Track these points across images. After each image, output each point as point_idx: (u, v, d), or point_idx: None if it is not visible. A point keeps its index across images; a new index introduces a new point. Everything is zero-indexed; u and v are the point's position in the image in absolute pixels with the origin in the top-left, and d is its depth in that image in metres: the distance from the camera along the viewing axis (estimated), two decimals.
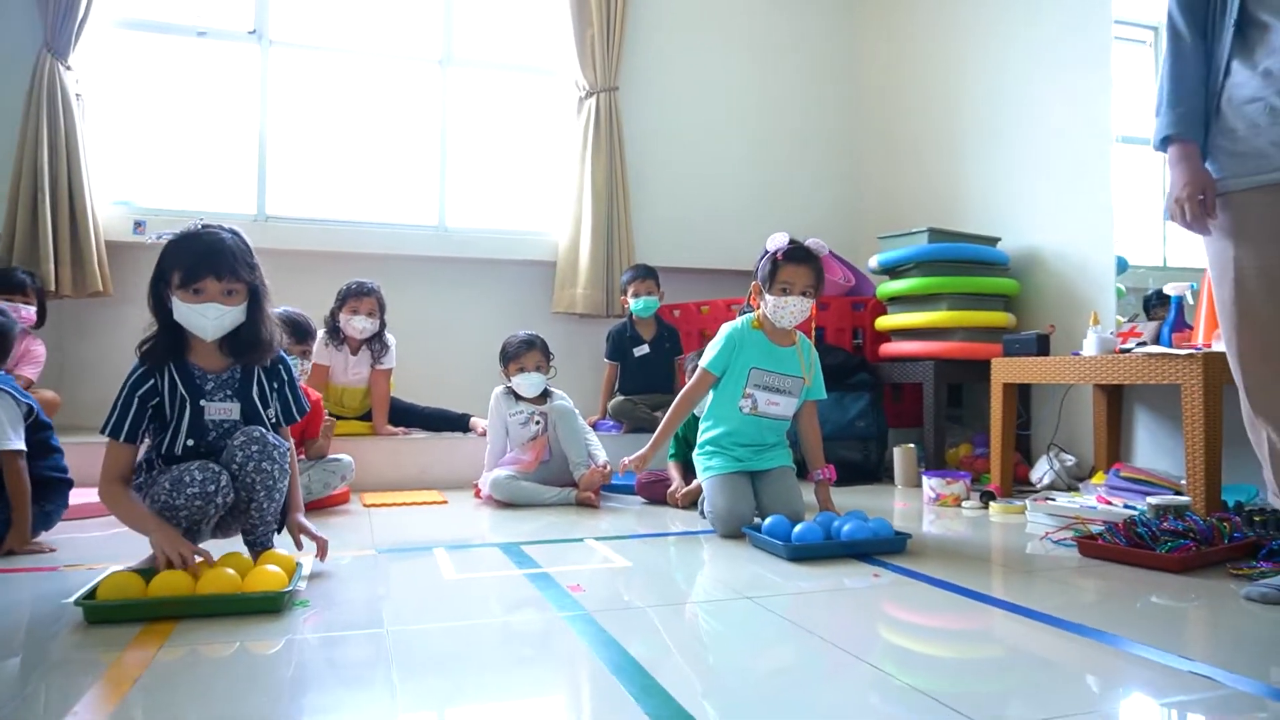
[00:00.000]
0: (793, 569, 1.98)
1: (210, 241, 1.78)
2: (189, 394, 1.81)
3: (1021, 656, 1.41)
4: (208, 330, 1.78)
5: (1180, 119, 1.73)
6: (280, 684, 1.28)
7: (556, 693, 1.28)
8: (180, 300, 1.76)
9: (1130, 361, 2.60)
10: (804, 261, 2.40)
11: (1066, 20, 3.46)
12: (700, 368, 2.51)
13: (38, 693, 1.24)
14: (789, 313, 2.41)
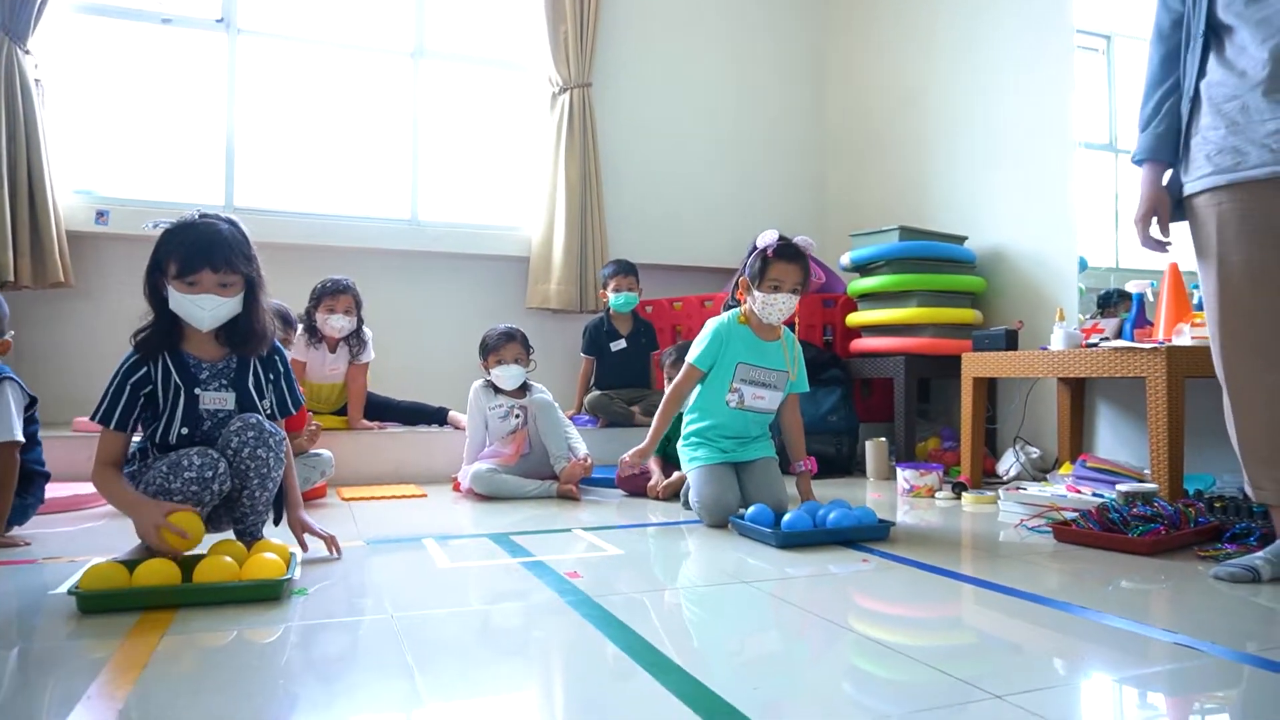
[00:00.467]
0: (782, 555, 2.01)
1: (207, 232, 1.76)
2: (184, 383, 1.79)
3: (1012, 630, 1.46)
4: (204, 321, 1.77)
5: (1154, 140, 1.85)
6: (297, 668, 1.27)
7: (572, 670, 1.30)
8: (176, 291, 1.75)
9: (1097, 356, 2.69)
10: (794, 259, 2.43)
11: (1029, 29, 3.57)
12: (688, 363, 2.54)
13: (44, 683, 1.22)
14: (777, 309, 2.45)
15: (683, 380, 2.55)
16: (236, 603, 1.55)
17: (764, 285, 2.43)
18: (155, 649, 1.32)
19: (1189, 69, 1.82)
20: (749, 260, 2.49)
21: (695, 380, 2.54)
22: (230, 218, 1.84)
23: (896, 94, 4.33)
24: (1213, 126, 1.78)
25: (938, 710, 1.09)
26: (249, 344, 1.84)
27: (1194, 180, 1.83)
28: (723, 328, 2.52)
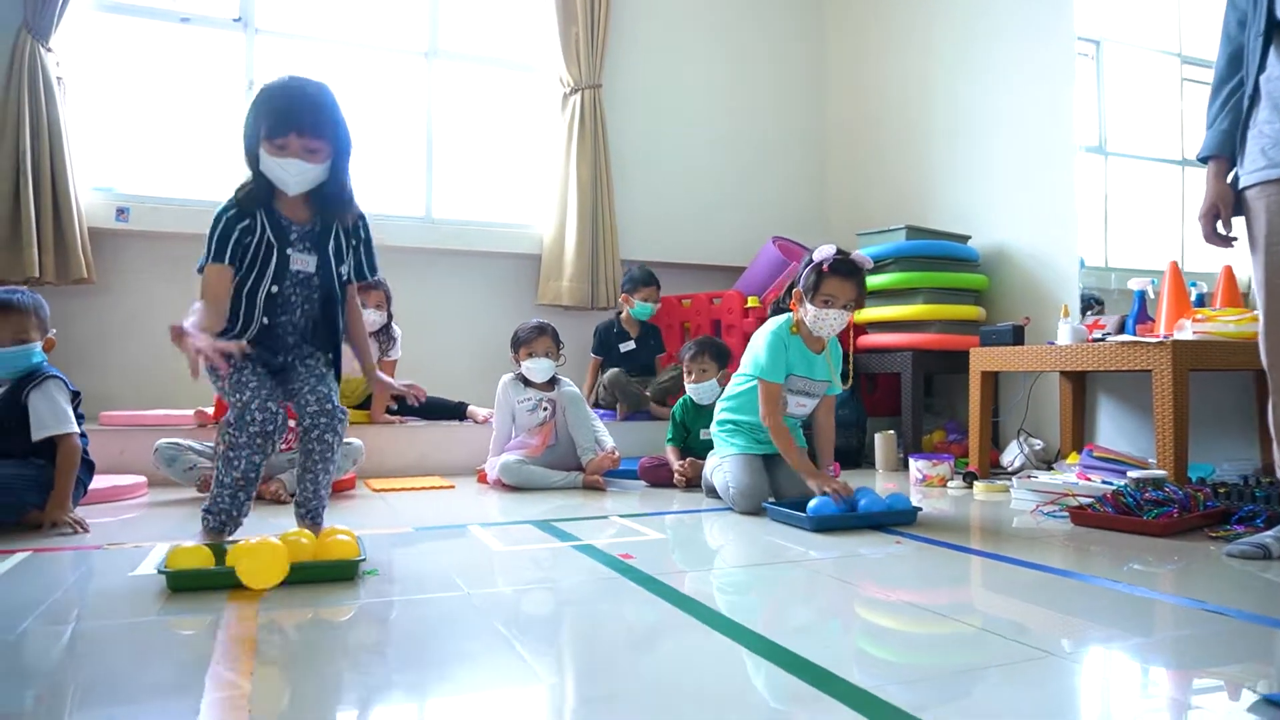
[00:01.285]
0: (818, 539, 2.11)
1: (296, 97, 1.81)
2: (276, 241, 1.86)
3: (1052, 599, 1.57)
4: (289, 185, 1.83)
5: (1218, 136, 1.95)
6: (407, 639, 1.35)
7: (662, 642, 1.38)
8: (265, 153, 1.80)
9: (1104, 349, 2.82)
10: (850, 276, 2.44)
11: (1030, 35, 3.70)
12: (763, 380, 2.49)
13: (162, 655, 1.29)
14: (829, 325, 2.47)
15: (769, 400, 2.49)
16: (313, 582, 1.62)
17: (817, 300, 2.45)
18: (259, 623, 1.39)
19: (1250, 65, 1.90)
20: (804, 272, 2.50)
21: (779, 392, 2.50)
22: (321, 81, 1.87)
23: (898, 95, 4.45)
24: (1269, 120, 1.86)
25: (1003, 666, 1.19)
26: (334, 209, 1.90)
27: (1248, 173, 1.92)
28: (780, 338, 2.52)
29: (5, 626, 1.36)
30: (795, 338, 2.54)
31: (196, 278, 3.71)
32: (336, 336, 2.03)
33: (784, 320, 2.57)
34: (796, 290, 2.54)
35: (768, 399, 2.50)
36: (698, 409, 3.15)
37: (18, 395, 2.15)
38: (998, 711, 1.07)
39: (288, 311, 1.93)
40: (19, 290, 2.21)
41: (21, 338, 2.15)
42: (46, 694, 1.11)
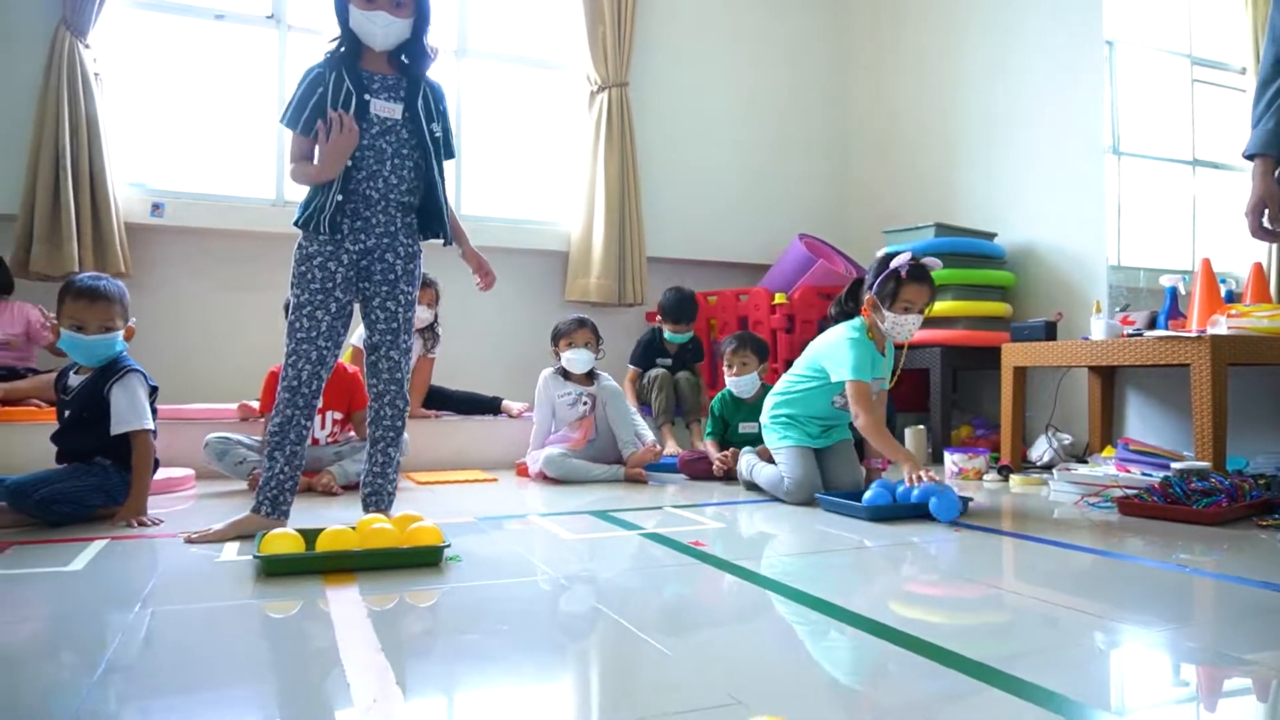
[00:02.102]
0: (874, 527, 2.15)
1: None
2: (355, 89, 1.93)
3: (1122, 581, 1.61)
4: (376, 38, 1.92)
5: (1264, 135, 2.00)
6: (523, 617, 1.38)
7: (759, 620, 1.42)
8: (355, 7, 1.89)
9: (1141, 345, 2.87)
10: (925, 281, 2.48)
11: (1060, 37, 3.75)
12: (854, 381, 2.47)
13: (276, 635, 1.32)
14: (906, 329, 2.49)
15: (863, 398, 2.47)
16: (400, 568, 1.66)
17: (896, 306, 2.45)
18: (367, 605, 1.42)
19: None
20: (879, 279, 2.50)
21: (869, 392, 2.50)
22: None
23: (921, 94, 4.50)
24: None
25: (1092, 634, 1.24)
26: (418, 65, 1.99)
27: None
28: (862, 345, 2.51)
29: (121, 608, 1.39)
30: (870, 342, 2.54)
31: (230, 272, 3.75)
32: (442, 214, 2.06)
33: (859, 324, 2.57)
34: (869, 296, 2.53)
35: (860, 399, 2.48)
36: (736, 403, 3.19)
37: (99, 388, 2.17)
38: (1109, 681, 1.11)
39: (381, 164, 1.95)
40: (104, 277, 2.23)
41: (108, 325, 2.17)
42: (191, 669, 1.14)
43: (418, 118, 1.99)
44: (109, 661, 1.13)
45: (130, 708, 1.01)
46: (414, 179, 2.00)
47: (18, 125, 3.46)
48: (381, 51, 1.96)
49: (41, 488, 2.03)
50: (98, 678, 1.07)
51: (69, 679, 1.08)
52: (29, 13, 3.49)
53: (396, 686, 1.06)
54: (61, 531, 2.03)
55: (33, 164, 3.41)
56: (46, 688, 1.07)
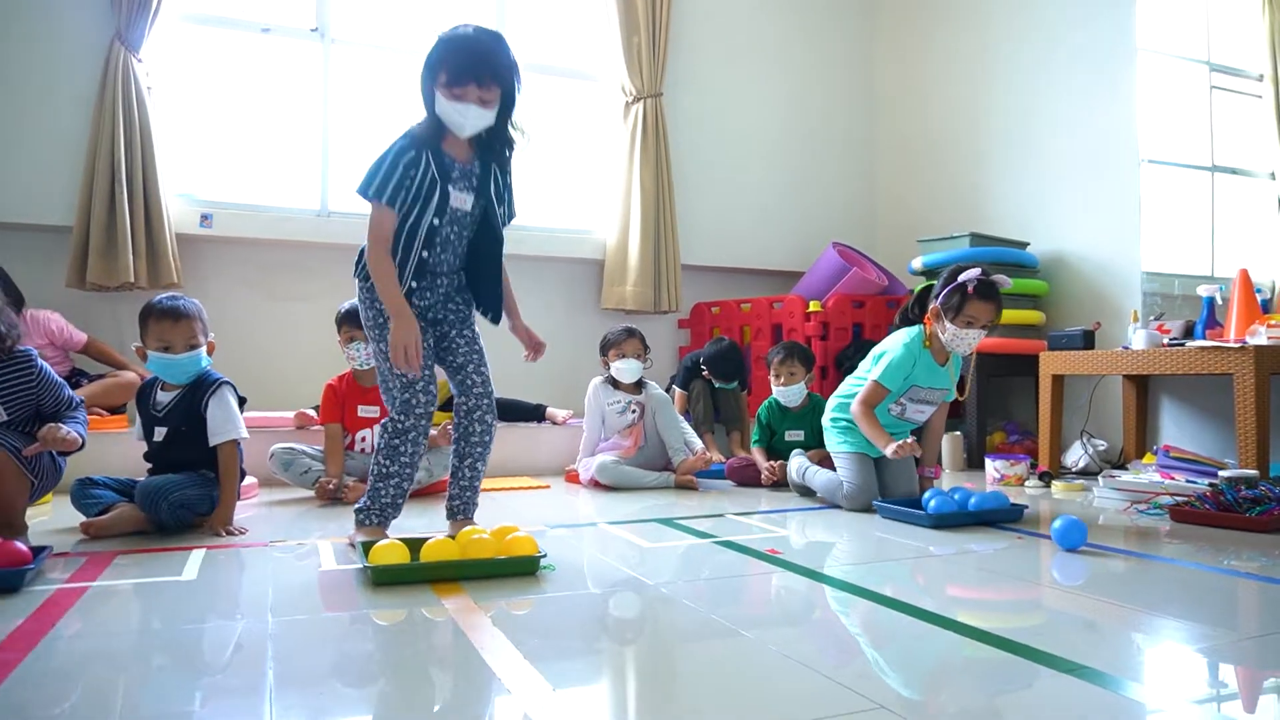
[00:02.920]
0: (936, 534, 2.22)
1: (478, 48, 1.89)
2: (439, 177, 1.94)
3: (1189, 587, 1.67)
4: (464, 129, 1.91)
5: None
6: (637, 621, 1.45)
7: (862, 625, 1.48)
8: (443, 97, 1.88)
9: (1183, 354, 2.93)
10: (992, 298, 2.51)
11: (1092, 48, 3.82)
12: (876, 381, 2.58)
13: (411, 641, 1.38)
14: (967, 344, 2.54)
15: (872, 396, 2.59)
16: (499, 577, 1.72)
17: (959, 320, 2.50)
18: (487, 613, 1.48)
19: None
20: (945, 290, 2.55)
21: (882, 397, 2.59)
22: (497, 31, 1.96)
23: (950, 104, 4.56)
24: None
25: (1164, 634, 1.30)
26: (497, 153, 2.01)
27: None
28: (912, 353, 2.59)
29: (254, 617, 1.45)
30: (926, 351, 2.61)
31: (276, 282, 3.80)
32: (499, 290, 2.13)
33: (917, 333, 2.63)
34: (934, 306, 2.58)
35: (870, 396, 2.59)
36: (783, 411, 3.26)
37: (194, 403, 2.24)
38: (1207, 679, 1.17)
39: (446, 249, 2.02)
40: (181, 296, 2.29)
41: (192, 343, 2.24)
42: (353, 671, 1.21)
43: (491, 206, 2.04)
44: (276, 671, 1.20)
45: (313, 709, 1.07)
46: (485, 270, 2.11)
47: (73, 139, 3.53)
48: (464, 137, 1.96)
49: (174, 492, 2.12)
50: (272, 684, 1.14)
51: (247, 684, 1.15)
52: (85, 29, 3.55)
53: (543, 679, 1.13)
54: (154, 540, 2.09)
55: (88, 177, 3.48)
56: (228, 695, 1.13)
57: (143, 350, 2.25)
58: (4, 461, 1.78)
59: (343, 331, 2.96)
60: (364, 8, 4.11)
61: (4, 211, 3.46)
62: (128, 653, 1.29)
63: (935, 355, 2.65)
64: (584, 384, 3.39)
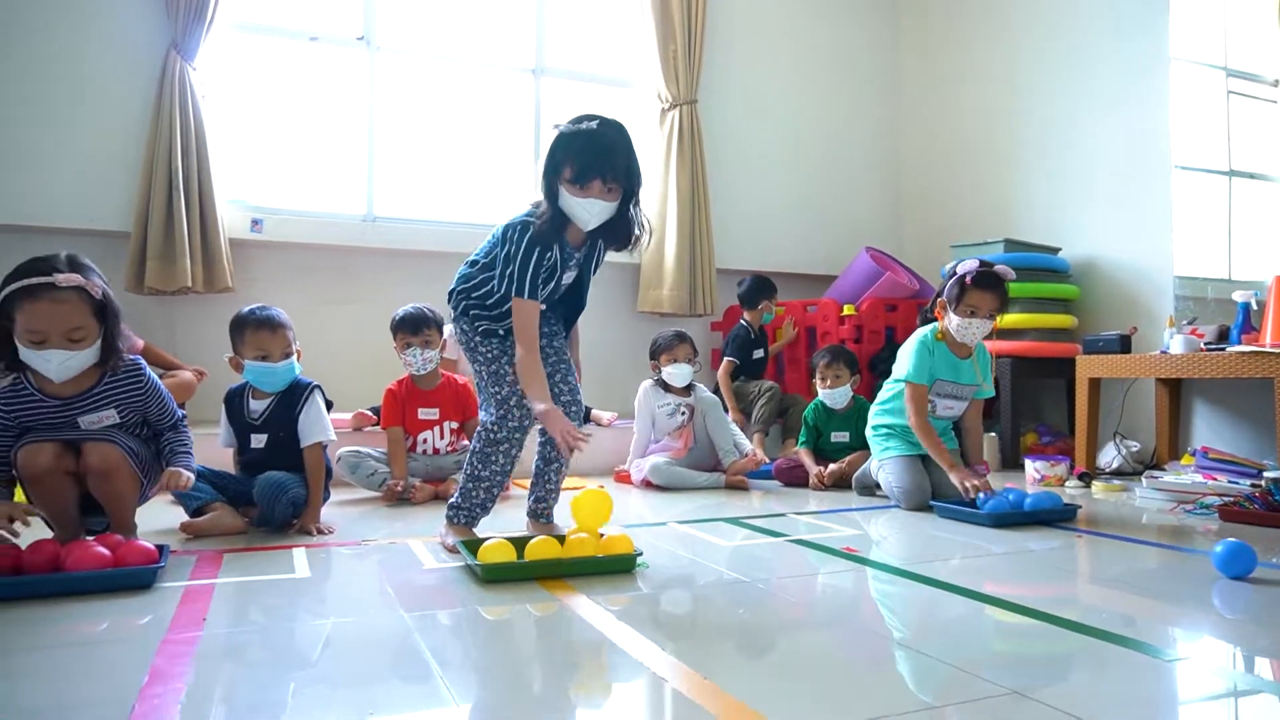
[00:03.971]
0: (997, 533, 2.30)
1: (603, 144, 1.92)
2: (560, 265, 2.04)
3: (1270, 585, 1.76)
4: (588, 223, 1.96)
5: None
6: (759, 609, 1.53)
7: (957, 618, 1.56)
8: (567, 192, 1.93)
9: (1223, 359, 3.02)
10: (991, 288, 2.64)
11: (1125, 55, 3.91)
12: (909, 381, 2.70)
13: (542, 636, 1.46)
14: (972, 333, 2.68)
15: (915, 400, 2.70)
16: (599, 574, 1.80)
17: (960, 310, 2.66)
18: (607, 608, 1.56)
19: None
20: (949, 284, 2.71)
21: (925, 394, 2.71)
22: (620, 124, 1.98)
23: (979, 113, 4.65)
24: None
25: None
26: (616, 240, 2.05)
27: None
28: (926, 343, 2.72)
29: (385, 610, 1.53)
30: (940, 344, 2.73)
31: (323, 285, 3.85)
32: (574, 320, 2.28)
33: (930, 328, 2.77)
34: (941, 300, 2.73)
35: (913, 400, 2.70)
36: (829, 413, 3.34)
37: (289, 408, 2.32)
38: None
39: (550, 310, 2.16)
40: (270, 307, 2.36)
41: (288, 352, 2.32)
42: (508, 660, 1.29)
43: (587, 274, 2.16)
44: (437, 660, 1.28)
45: (490, 693, 1.15)
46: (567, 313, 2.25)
47: (130, 146, 3.60)
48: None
49: (291, 489, 2.22)
50: (440, 672, 1.22)
51: (418, 673, 1.23)
52: (142, 39, 3.62)
53: (687, 667, 1.21)
54: (249, 540, 2.17)
55: (145, 183, 3.55)
56: (407, 683, 1.21)
57: (237, 360, 2.33)
58: (119, 460, 1.86)
59: (398, 338, 3.04)
60: (409, 17, 4.18)
61: (63, 217, 3.53)
62: (290, 642, 1.37)
63: (953, 349, 2.76)
64: (620, 386, 3.48)
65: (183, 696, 1.13)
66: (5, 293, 1.79)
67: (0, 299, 1.79)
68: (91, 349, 1.84)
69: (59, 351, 1.79)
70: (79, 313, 1.82)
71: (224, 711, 1.09)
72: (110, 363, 1.88)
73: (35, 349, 1.79)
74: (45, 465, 1.80)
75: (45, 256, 1.85)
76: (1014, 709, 1.09)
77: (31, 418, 1.86)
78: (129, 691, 1.13)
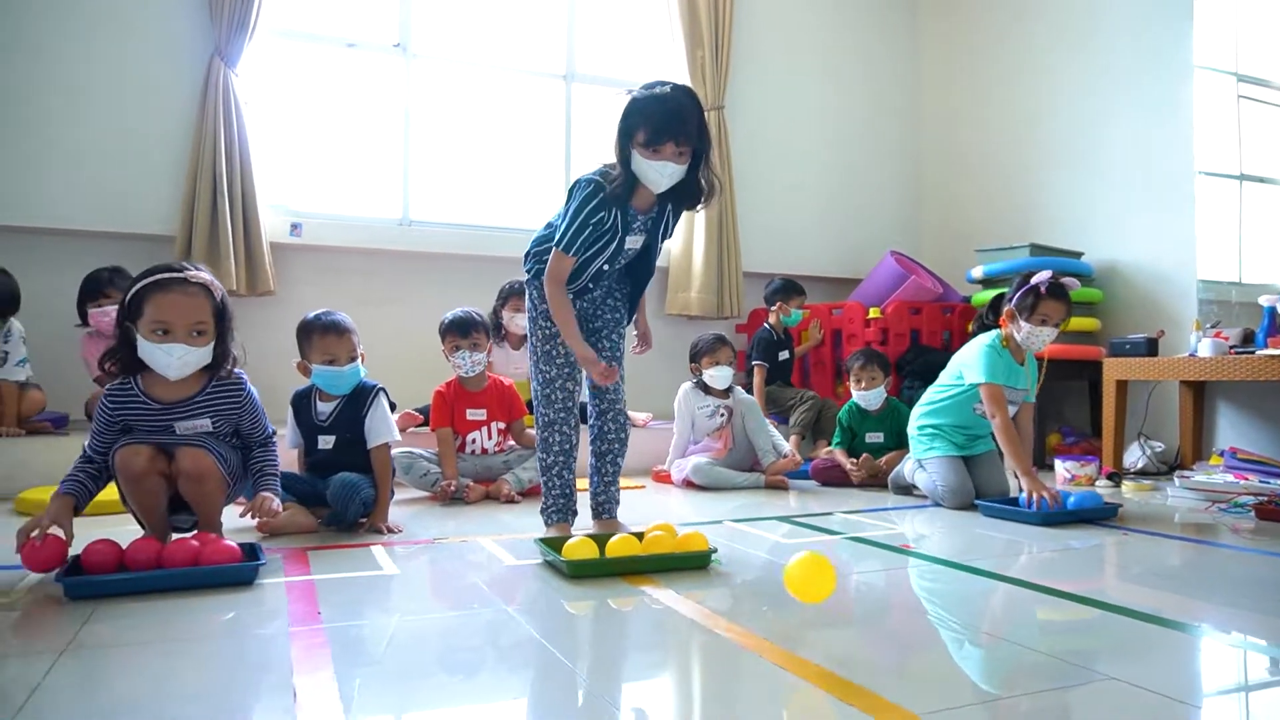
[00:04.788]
0: (1046, 531, 2.38)
1: (675, 108, 1.96)
2: (621, 228, 2.08)
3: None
4: (661, 185, 2.01)
5: None
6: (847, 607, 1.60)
7: (1024, 608, 1.64)
8: (640, 155, 1.97)
9: (1251, 362, 3.10)
10: (1062, 298, 2.72)
11: (1147, 62, 3.99)
12: (990, 384, 2.72)
13: (647, 621, 1.53)
14: (1041, 340, 2.75)
15: (997, 400, 2.72)
16: (676, 570, 1.87)
17: (1033, 318, 2.72)
18: (691, 600, 1.63)
19: None
20: (1019, 293, 2.75)
21: (1002, 394, 2.74)
22: (690, 89, 2.04)
23: (1000, 117, 4.73)
24: None
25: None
26: (686, 201, 2.10)
27: None
28: (995, 348, 2.78)
29: (489, 606, 1.60)
30: (1005, 351, 2.80)
31: (361, 288, 3.91)
32: (637, 299, 2.33)
33: (995, 335, 2.83)
34: (1008, 308, 2.79)
35: (994, 400, 2.73)
36: (863, 414, 3.42)
37: (355, 410, 2.39)
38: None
39: (609, 278, 2.22)
40: (334, 312, 2.43)
41: (353, 355, 2.38)
42: (631, 652, 1.35)
43: (655, 242, 2.18)
44: (559, 649, 1.34)
45: (625, 679, 1.22)
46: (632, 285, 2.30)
47: (174, 152, 3.66)
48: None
49: (363, 490, 2.29)
50: (566, 660, 1.28)
51: (546, 661, 1.30)
52: (187, 46, 3.68)
53: (787, 649, 1.28)
54: (323, 538, 2.23)
55: (190, 188, 3.60)
56: (550, 670, 1.28)
57: (304, 365, 2.39)
58: (210, 466, 1.92)
59: (447, 341, 3.11)
60: (444, 24, 4.25)
61: (110, 220, 3.59)
62: (413, 633, 1.44)
63: (1014, 355, 2.83)
64: (650, 387, 3.54)
65: (336, 684, 1.19)
66: (137, 288, 1.86)
67: (130, 296, 1.86)
68: (207, 349, 1.91)
69: (180, 345, 1.85)
70: (203, 308, 1.89)
71: (386, 700, 1.15)
72: (221, 367, 1.95)
73: (159, 342, 1.85)
74: (141, 467, 1.86)
75: (172, 263, 1.93)
76: (1105, 691, 1.17)
77: (134, 419, 1.92)
78: (283, 679, 1.20)
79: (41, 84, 3.51)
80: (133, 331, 1.88)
